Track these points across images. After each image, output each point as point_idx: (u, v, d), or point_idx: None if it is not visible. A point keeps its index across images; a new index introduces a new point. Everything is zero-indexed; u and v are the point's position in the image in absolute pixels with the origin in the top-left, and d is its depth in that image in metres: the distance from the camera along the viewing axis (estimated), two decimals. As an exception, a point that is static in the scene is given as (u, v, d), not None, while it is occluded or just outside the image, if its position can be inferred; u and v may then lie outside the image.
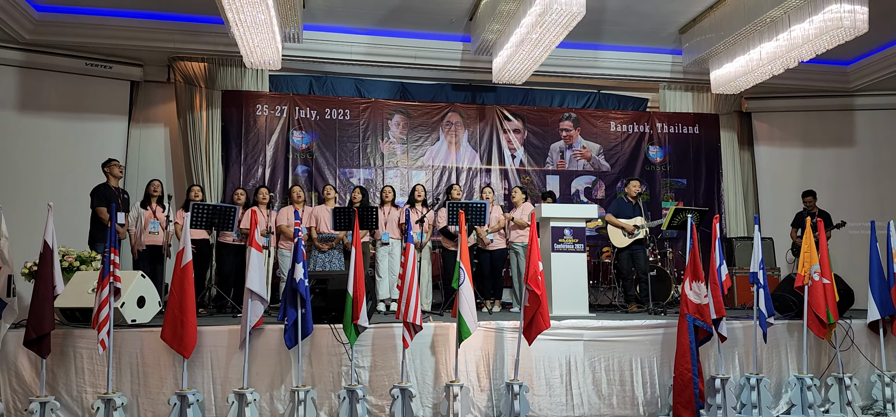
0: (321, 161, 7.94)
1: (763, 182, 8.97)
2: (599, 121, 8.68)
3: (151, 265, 5.91)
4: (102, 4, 6.93)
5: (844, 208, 7.74)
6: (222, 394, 4.26)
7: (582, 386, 4.64)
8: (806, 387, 4.69)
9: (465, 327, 4.22)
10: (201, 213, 5.60)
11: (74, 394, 4.19)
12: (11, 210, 4.89)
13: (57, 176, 7.12)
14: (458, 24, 7.47)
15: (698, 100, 8.90)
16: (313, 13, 7.20)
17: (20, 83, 7.20)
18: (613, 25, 7.52)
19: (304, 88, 8.31)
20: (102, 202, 5.81)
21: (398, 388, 4.24)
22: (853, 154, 8.90)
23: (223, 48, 7.34)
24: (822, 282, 4.76)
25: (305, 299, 4.20)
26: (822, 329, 4.75)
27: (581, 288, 5.43)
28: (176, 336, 4.03)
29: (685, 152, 8.78)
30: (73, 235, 5.76)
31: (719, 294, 4.58)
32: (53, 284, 4.03)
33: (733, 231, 8.62)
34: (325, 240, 6.20)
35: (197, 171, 7.55)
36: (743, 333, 4.92)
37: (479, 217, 5.97)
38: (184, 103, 7.68)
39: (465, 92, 8.69)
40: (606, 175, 8.59)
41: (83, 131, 7.38)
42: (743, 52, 6.86)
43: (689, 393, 4.38)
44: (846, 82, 8.65)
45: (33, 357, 4.12)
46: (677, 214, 5.97)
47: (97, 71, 7.47)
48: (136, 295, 4.62)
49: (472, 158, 8.34)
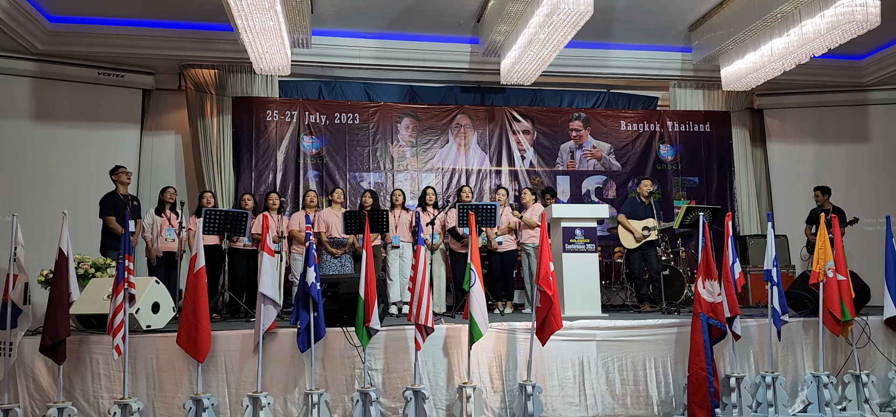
0: (331, 165, 7.97)
1: (776, 179, 8.88)
2: (609, 121, 8.65)
3: (166, 271, 5.96)
4: (114, 14, 7.01)
5: (859, 204, 7.65)
6: (236, 398, 4.30)
7: (595, 387, 4.62)
8: (822, 385, 4.65)
9: (477, 328, 4.22)
10: (213, 219, 5.64)
11: (91, 400, 4.24)
12: (27, 218, 4.96)
13: (71, 184, 7.20)
14: (465, 26, 7.48)
15: (709, 97, 8.84)
16: (321, 18, 7.24)
17: (34, 93, 7.30)
18: (622, 24, 7.48)
19: (314, 93, 8.35)
20: (110, 211, 5.85)
21: (411, 390, 4.25)
22: (867, 149, 8.79)
23: (233, 55, 7.40)
24: (838, 279, 4.71)
25: (318, 302, 4.23)
26: (837, 326, 4.70)
27: (593, 288, 5.41)
28: (190, 340, 4.07)
29: (696, 150, 8.71)
30: (88, 243, 5.82)
31: (733, 292, 4.55)
32: (69, 291, 4.10)
33: (746, 229, 8.55)
34: (337, 245, 6.22)
35: (208, 178, 7.61)
36: (757, 331, 4.88)
37: (489, 219, 5.96)
38: (195, 110, 7.75)
39: (474, 94, 8.69)
40: (617, 174, 8.55)
41: (96, 140, 7.46)
42: (753, 48, 6.79)
43: (703, 392, 4.36)
44: (859, 77, 8.55)
45: (51, 363, 4.18)
46: (689, 213, 5.93)
47: (109, 80, 7.56)
48: (151, 301, 4.68)
49: (482, 160, 8.33)
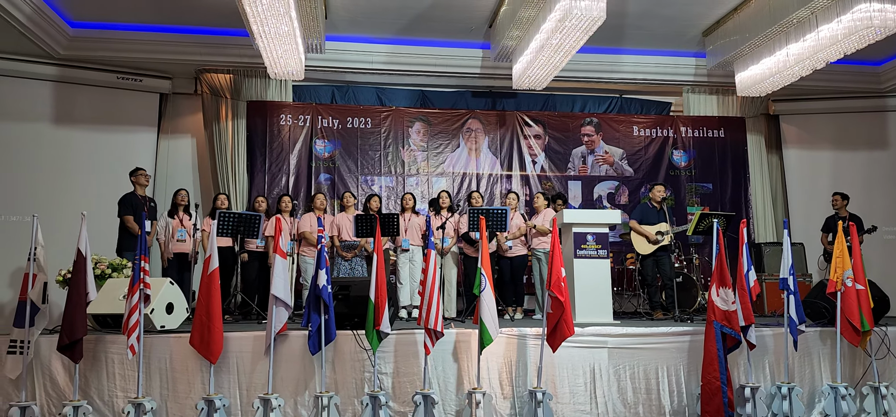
0: (343, 169, 8.02)
1: (792, 186, 8.75)
2: (622, 126, 8.60)
3: (179, 272, 6.04)
4: (133, 20, 7.14)
5: (877, 212, 7.52)
6: (248, 399, 4.33)
7: (607, 395, 4.58)
8: (840, 397, 4.56)
9: (487, 334, 4.21)
10: (227, 221, 5.70)
11: (106, 399, 4.30)
12: (46, 219, 5.05)
13: (89, 186, 7.32)
14: (477, 31, 7.49)
15: (723, 103, 8.75)
16: (335, 24, 7.30)
17: (55, 97, 7.45)
18: (635, 29, 7.45)
19: (327, 98, 8.41)
20: (129, 211, 5.97)
21: (420, 395, 4.25)
22: (886, 156, 8.63)
23: (248, 60, 7.49)
24: (856, 288, 4.63)
25: (328, 305, 4.25)
26: (856, 336, 4.61)
27: (605, 294, 5.37)
28: (203, 341, 4.11)
29: (710, 156, 8.63)
30: (106, 243, 5.91)
31: (747, 300, 4.49)
32: (86, 291, 4.16)
33: (762, 236, 8.44)
34: (349, 248, 6.25)
35: (223, 180, 7.70)
36: (773, 341, 4.80)
37: (500, 223, 5.95)
38: (210, 114, 7.85)
39: (486, 98, 8.70)
40: (630, 180, 8.49)
41: (114, 143, 7.58)
42: (769, 53, 6.72)
43: (717, 402, 4.30)
44: (878, 83, 8.42)
45: (67, 362, 4.24)
46: (703, 219, 5.87)
47: (128, 84, 7.69)
48: (165, 302, 4.73)
49: (493, 164, 8.33)
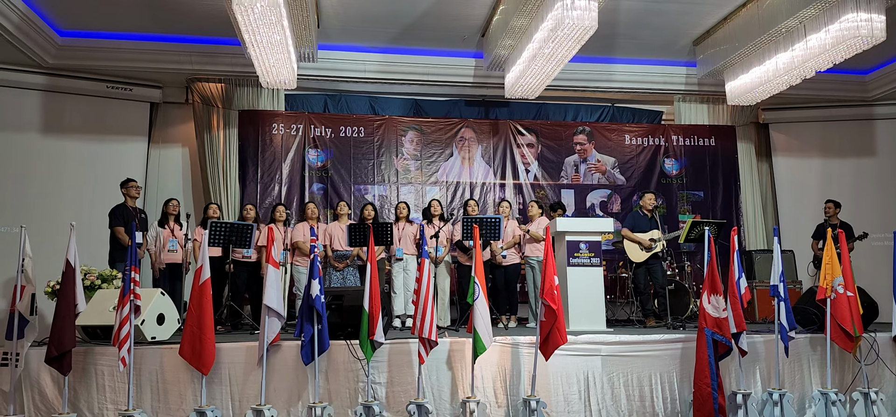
0: (336, 178, 8.00)
1: (782, 193, 8.84)
2: (614, 135, 8.65)
3: (171, 283, 5.99)
4: (123, 29, 7.10)
5: (866, 219, 7.59)
6: (240, 411, 4.29)
7: (601, 402, 4.59)
8: (830, 402, 4.59)
9: (481, 342, 4.21)
10: (219, 231, 5.67)
11: (96, 411, 4.24)
12: (36, 230, 5.01)
13: (79, 196, 7.25)
14: (470, 40, 7.53)
15: (714, 111, 8.84)
16: (328, 32, 7.31)
17: (43, 106, 7.38)
18: (626, 39, 7.51)
19: (319, 107, 8.40)
20: (120, 222, 5.92)
21: (415, 404, 4.23)
22: (874, 164, 8.74)
23: (240, 69, 7.46)
24: (846, 295, 4.67)
25: (322, 315, 4.23)
26: (849, 342, 4.66)
27: (598, 302, 5.38)
28: (194, 352, 4.07)
29: (701, 164, 8.70)
30: (95, 254, 5.86)
31: (739, 307, 4.52)
32: (75, 302, 4.11)
33: (752, 244, 8.50)
34: (341, 258, 6.23)
35: (214, 190, 7.65)
36: (764, 347, 4.84)
37: (493, 231, 5.96)
38: (202, 123, 7.81)
39: (479, 107, 8.72)
40: (622, 188, 8.54)
41: (104, 152, 7.52)
42: (758, 62, 6.80)
43: (708, 409, 4.31)
44: (865, 91, 8.53)
45: (56, 374, 4.19)
46: (694, 227, 5.90)
47: (118, 93, 7.64)
48: (156, 313, 4.68)
49: (486, 173, 8.34)
